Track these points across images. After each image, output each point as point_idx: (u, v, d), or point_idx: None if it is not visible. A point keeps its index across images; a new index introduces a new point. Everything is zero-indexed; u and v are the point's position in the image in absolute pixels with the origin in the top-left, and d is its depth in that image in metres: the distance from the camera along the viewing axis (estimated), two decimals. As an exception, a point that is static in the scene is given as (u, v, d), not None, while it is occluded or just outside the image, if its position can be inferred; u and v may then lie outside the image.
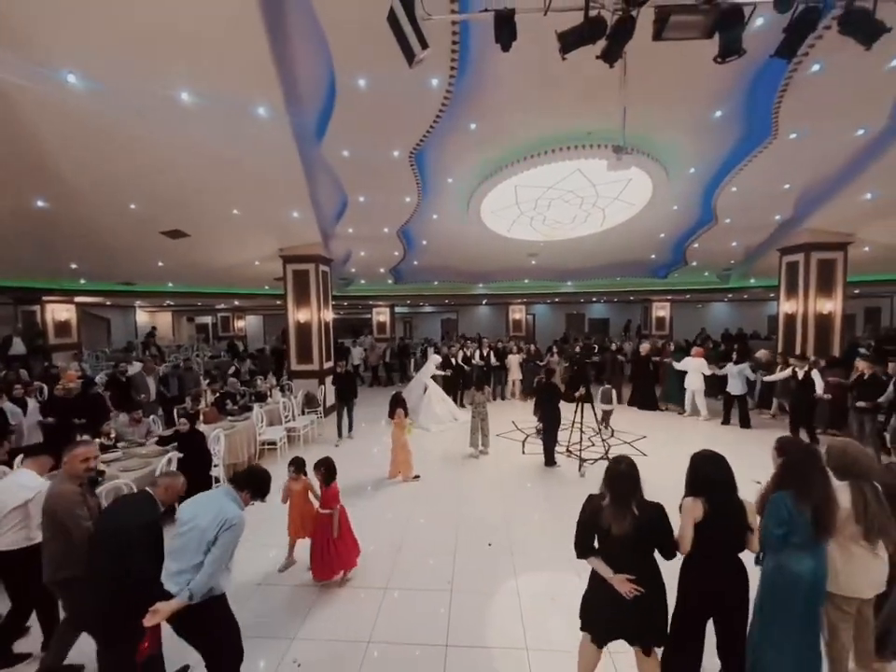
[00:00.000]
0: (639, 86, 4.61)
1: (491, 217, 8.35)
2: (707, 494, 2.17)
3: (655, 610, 2.18)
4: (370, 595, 3.48)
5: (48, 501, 2.54)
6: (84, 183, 5.94)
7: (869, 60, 4.27)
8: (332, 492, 3.64)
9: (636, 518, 2.11)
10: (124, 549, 2.13)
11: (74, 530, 2.48)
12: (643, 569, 2.16)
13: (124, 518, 2.26)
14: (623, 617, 2.17)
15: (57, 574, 2.53)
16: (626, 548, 2.13)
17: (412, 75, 4.44)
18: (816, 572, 2.15)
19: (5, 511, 2.64)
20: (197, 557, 2.10)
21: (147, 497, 2.39)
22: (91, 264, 9.80)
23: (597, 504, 2.22)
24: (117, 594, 2.12)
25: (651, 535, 2.16)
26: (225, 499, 2.27)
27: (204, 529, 2.11)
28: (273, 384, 8.90)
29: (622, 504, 2.13)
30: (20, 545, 2.69)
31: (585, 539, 2.26)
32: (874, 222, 7.89)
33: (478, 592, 3.49)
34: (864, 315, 19.07)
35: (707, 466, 2.25)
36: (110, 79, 4.21)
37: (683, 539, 2.18)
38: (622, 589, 2.11)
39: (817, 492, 2.18)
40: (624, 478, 2.19)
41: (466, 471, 6.16)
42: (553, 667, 2.73)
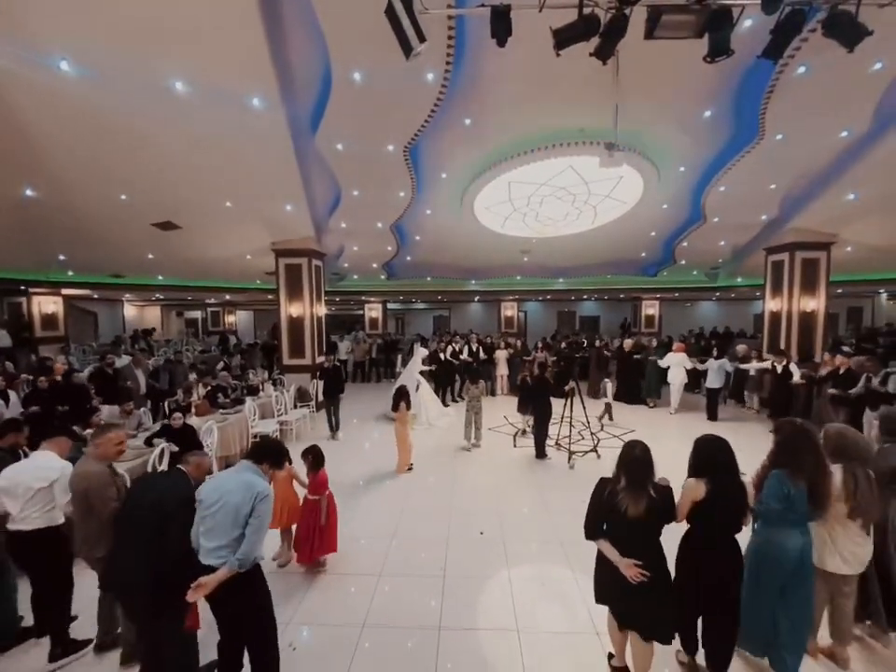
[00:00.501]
0: (632, 84, 4.70)
1: (484, 213, 8.42)
2: (711, 475, 2.24)
3: (663, 602, 2.22)
4: (364, 582, 3.53)
5: (78, 481, 2.58)
6: (74, 172, 5.88)
7: (853, 63, 4.42)
8: (321, 478, 3.69)
9: (651, 500, 2.16)
10: (164, 522, 2.25)
11: (102, 509, 2.53)
12: (650, 553, 2.21)
13: (163, 493, 2.36)
14: (631, 605, 2.24)
15: (95, 552, 2.58)
16: (637, 531, 2.19)
17: (407, 69, 4.48)
18: (803, 547, 2.27)
19: (30, 493, 2.65)
20: (235, 532, 2.16)
21: (182, 474, 2.53)
22: (79, 256, 9.66)
23: (612, 487, 2.25)
24: (159, 566, 2.21)
25: (661, 516, 2.22)
26: (249, 474, 2.31)
27: (238, 505, 2.16)
28: (265, 377, 8.89)
29: (638, 486, 2.18)
30: (46, 525, 2.71)
31: (596, 521, 2.30)
32: (856, 222, 8.10)
33: (470, 577, 3.56)
34: (847, 315, 19.53)
35: (711, 448, 2.33)
36: (103, 67, 4.18)
37: (680, 513, 2.28)
38: (627, 573, 2.15)
39: (809, 467, 2.28)
40: (640, 461, 2.24)
41: (459, 463, 6.23)
42: (543, 648, 2.81)
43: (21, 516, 2.65)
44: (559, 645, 2.84)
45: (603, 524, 2.29)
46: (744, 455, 2.39)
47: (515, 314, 19.41)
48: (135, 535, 2.29)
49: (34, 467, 2.76)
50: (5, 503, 2.66)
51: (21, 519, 2.65)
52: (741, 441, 2.76)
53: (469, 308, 23.67)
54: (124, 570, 2.29)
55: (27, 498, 2.65)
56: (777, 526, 2.31)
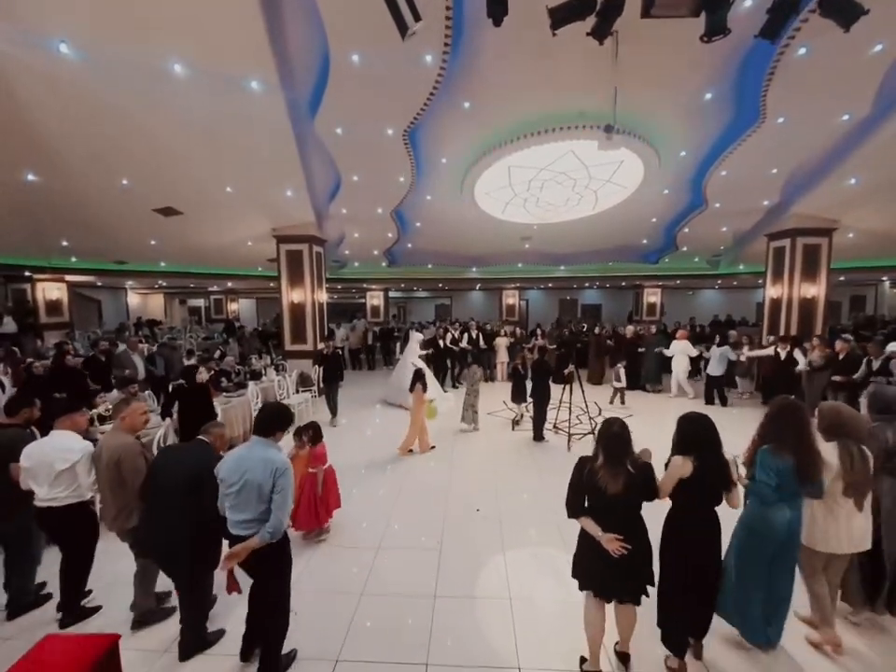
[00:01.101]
0: (631, 66, 4.68)
1: (485, 198, 8.40)
2: (696, 452, 2.26)
3: (641, 569, 2.29)
4: (362, 554, 3.66)
5: (110, 454, 2.67)
6: (75, 156, 5.92)
7: (853, 44, 4.40)
8: (319, 452, 3.90)
9: (629, 476, 2.19)
10: (198, 489, 2.46)
11: (132, 480, 2.65)
12: (631, 528, 2.25)
13: (194, 463, 2.56)
14: (612, 576, 2.27)
15: (127, 523, 2.71)
16: (617, 507, 2.23)
17: (406, 51, 4.50)
18: (791, 522, 2.32)
19: (53, 475, 2.71)
20: (261, 507, 2.24)
21: (206, 445, 2.70)
22: (82, 241, 9.73)
23: (591, 465, 2.28)
24: (194, 528, 2.46)
25: (640, 491, 2.26)
26: (265, 450, 2.34)
27: (261, 483, 2.22)
28: (268, 363, 9.00)
29: (616, 463, 2.21)
30: (76, 500, 2.79)
31: (577, 499, 2.33)
32: (857, 208, 8.06)
33: (466, 551, 3.68)
34: (850, 303, 19.46)
35: (695, 426, 2.35)
36: (102, 50, 4.19)
37: (663, 489, 2.31)
38: (609, 547, 2.19)
39: (792, 441, 2.33)
40: (617, 438, 2.26)
41: (457, 445, 6.35)
42: (534, 614, 2.94)
43: (48, 496, 2.72)
44: (550, 612, 2.96)
45: (584, 501, 2.32)
46: (740, 439, 2.44)
47: (517, 302, 19.42)
48: (172, 502, 2.47)
49: (52, 448, 2.77)
50: (30, 484, 2.74)
51: (50, 499, 2.72)
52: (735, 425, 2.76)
53: (470, 296, 23.69)
54: (163, 536, 2.49)
55: (51, 480, 2.71)
56: (768, 502, 2.35)
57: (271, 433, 2.42)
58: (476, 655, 2.60)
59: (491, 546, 3.76)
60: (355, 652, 2.63)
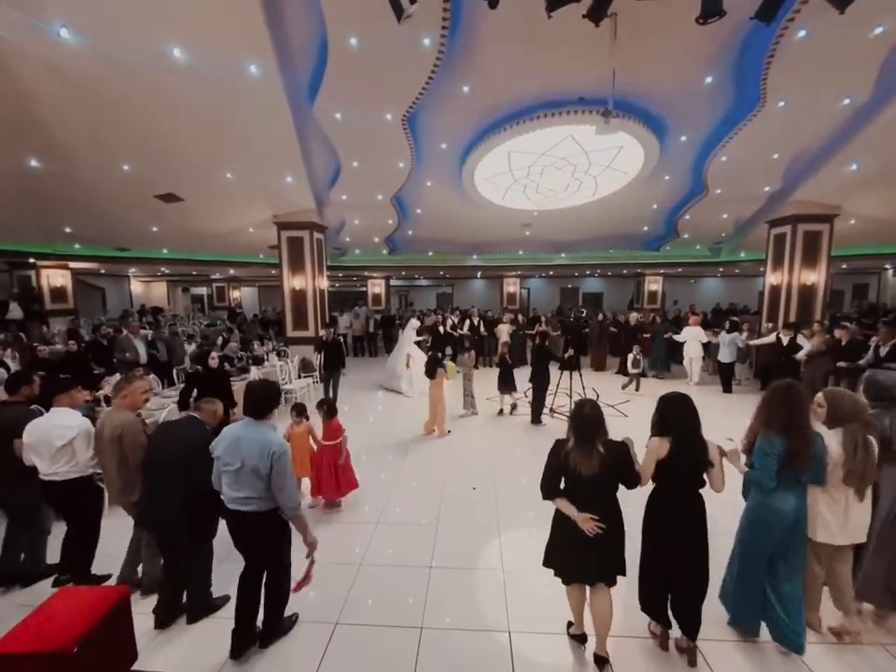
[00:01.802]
0: (630, 50, 4.67)
1: (485, 184, 8.40)
2: (673, 433, 2.27)
3: (614, 549, 2.29)
4: (361, 528, 3.80)
5: (112, 430, 2.74)
6: (76, 142, 5.96)
7: (853, 26, 4.39)
8: (335, 425, 4.16)
9: (602, 457, 2.18)
10: (190, 465, 2.52)
11: (134, 456, 2.71)
12: (606, 507, 2.25)
13: (189, 440, 2.61)
14: (584, 560, 2.28)
15: (131, 497, 2.80)
16: (592, 487, 2.22)
17: (404, 33, 4.50)
18: (797, 509, 2.28)
19: (52, 450, 2.80)
20: (259, 484, 2.27)
21: (198, 422, 2.77)
22: (85, 228, 9.80)
23: (564, 448, 2.28)
24: (189, 503, 2.52)
25: (615, 472, 2.23)
26: (262, 432, 2.32)
27: (258, 465, 2.24)
28: (270, 348, 9.12)
29: (586, 444, 2.21)
30: (78, 474, 2.87)
31: (552, 481, 2.33)
32: (858, 194, 8.02)
33: (462, 525, 3.82)
34: (852, 291, 19.39)
35: (673, 406, 2.34)
36: (102, 34, 4.22)
37: (644, 474, 2.30)
38: (584, 527, 2.19)
39: (781, 422, 2.27)
40: (588, 419, 2.24)
41: (456, 428, 6.46)
42: (525, 583, 3.07)
43: (50, 471, 2.82)
44: (541, 580, 3.08)
45: (559, 483, 2.33)
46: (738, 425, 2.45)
47: (518, 290, 19.44)
48: (167, 477, 2.53)
49: (52, 424, 2.87)
50: (33, 459, 2.84)
51: (52, 473, 2.83)
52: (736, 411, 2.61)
53: (472, 285, 23.70)
54: (160, 509, 2.56)
55: (51, 455, 2.82)
56: (765, 490, 2.30)
57: (264, 414, 2.39)
58: (469, 620, 2.74)
59: (486, 520, 3.89)
60: (353, 617, 2.77)
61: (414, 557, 3.36)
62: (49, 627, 1.45)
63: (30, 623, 1.50)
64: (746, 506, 2.50)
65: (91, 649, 1.46)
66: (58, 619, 1.49)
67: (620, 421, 6.78)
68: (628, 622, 2.67)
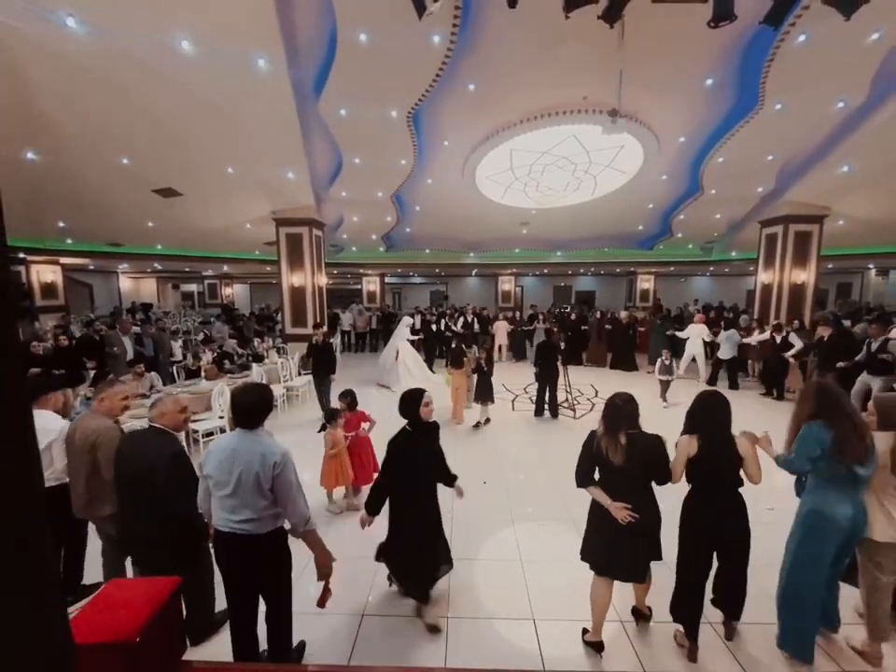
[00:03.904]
0: (635, 52, 4.75)
1: (486, 182, 8.45)
2: (701, 430, 2.30)
3: (649, 540, 2.31)
4: (380, 523, 3.81)
5: (85, 437, 2.48)
6: (77, 134, 5.86)
7: (852, 32, 4.52)
8: (360, 415, 4.32)
9: (628, 448, 2.24)
10: (159, 483, 2.20)
11: (107, 466, 2.45)
12: (640, 498, 2.29)
13: (150, 455, 2.26)
14: (618, 554, 2.31)
15: (100, 511, 2.54)
16: (625, 477, 2.27)
17: (414, 31, 4.53)
18: (855, 517, 2.15)
19: None
20: (261, 502, 2.01)
21: (158, 431, 2.37)
22: (79, 222, 9.61)
23: (598, 437, 2.36)
24: (166, 526, 2.23)
25: (646, 464, 2.28)
26: (258, 443, 2.05)
27: (260, 481, 1.99)
28: (270, 345, 9.07)
29: (614, 434, 2.28)
30: (55, 482, 2.65)
31: (585, 469, 2.39)
32: (848, 195, 8.26)
33: (475, 518, 3.86)
34: (836, 290, 19.90)
35: (702, 404, 2.39)
36: (109, 24, 4.16)
37: (675, 472, 2.32)
38: (618, 515, 2.23)
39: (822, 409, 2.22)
40: (617, 409, 2.33)
41: (460, 426, 6.50)
42: (544, 573, 3.14)
43: None
44: (557, 571, 3.16)
45: (593, 472, 2.38)
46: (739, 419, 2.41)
47: (512, 288, 19.54)
48: (137, 495, 2.27)
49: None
50: None
51: None
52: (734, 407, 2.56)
53: (466, 282, 23.75)
54: (138, 529, 2.32)
55: None
56: (824, 490, 2.21)
57: (256, 423, 2.09)
58: (492, 609, 2.80)
59: (498, 514, 3.95)
60: (378, 608, 2.81)
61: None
62: (108, 618, 1.46)
63: (86, 614, 1.50)
64: (800, 508, 2.35)
65: (151, 639, 1.47)
66: (116, 609, 1.50)
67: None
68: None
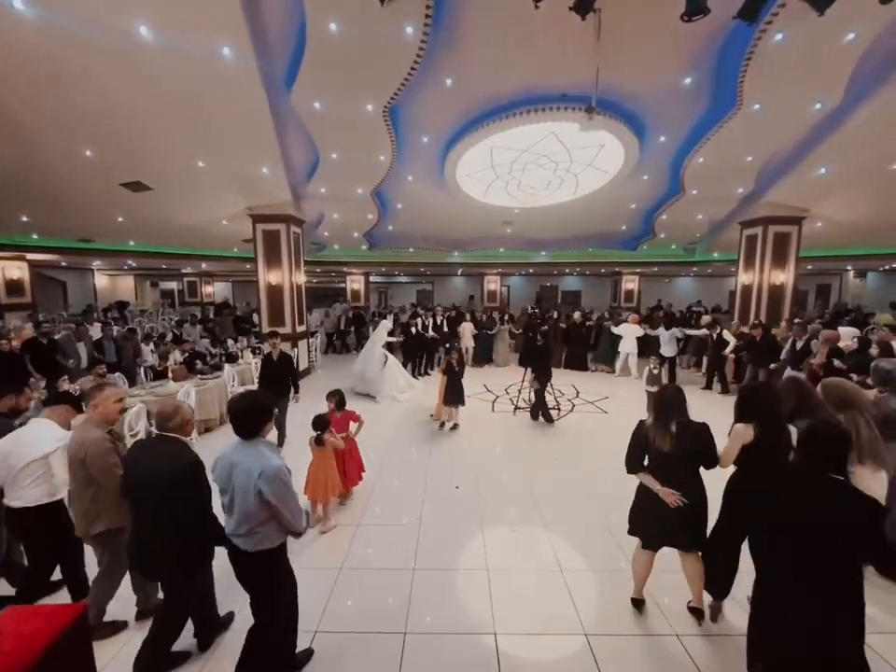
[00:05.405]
0: (613, 48, 4.67)
1: (467, 179, 8.32)
2: (759, 419, 2.40)
3: (697, 520, 2.45)
4: (342, 531, 3.67)
5: (76, 450, 2.37)
6: (34, 124, 5.57)
7: (828, 32, 4.50)
8: (349, 415, 4.24)
9: (677, 435, 2.38)
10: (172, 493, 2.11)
11: (106, 479, 2.34)
12: (687, 483, 2.42)
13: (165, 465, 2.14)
14: (667, 526, 2.46)
15: (92, 528, 2.41)
16: (673, 463, 2.41)
17: (385, 20, 4.38)
18: None
19: (20, 465, 2.43)
20: (252, 518, 1.99)
21: (169, 440, 2.26)
22: (43, 217, 9.23)
23: (646, 426, 2.51)
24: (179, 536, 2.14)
25: (694, 450, 2.41)
26: (252, 455, 2.02)
27: (247, 493, 1.97)
28: (245, 345, 8.83)
29: (662, 423, 2.43)
30: (40, 501, 2.52)
31: (634, 456, 2.54)
32: (826, 197, 8.32)
33: (444, 525, 3.75)
34: (816, 292, 20.27)
35: (757, 395, 2.52)
36: (60, 5, 3.93)
37: (726, 457, 2.45)
38: (667, 499, 2.38)
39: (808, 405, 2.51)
40: (667, 400, 2.48)
41: (436, 431, 6.38)
42: (510, 584, 3.02)
43: (11, 490, 2.47)
44: (526, 582, 3.05)
45: (642, 459, 2.53)
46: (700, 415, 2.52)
47: (498, 288, 19.50)
48: (148, 508, 2.17)
49: (30, 436, 2.54)
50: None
51: (12, 493, 2.47)
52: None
53: (452, 282, 23.66)
54: (148, 544, 2.21)
55: (16, 472, 2.44)
56: None
57: (253, 433, 2.07)
58: (453, 623, 2.67)
59: (468, 520, 3.82)
60: (333, 624, 2.66)
61: (397, 559, 3.29)
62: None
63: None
64: None
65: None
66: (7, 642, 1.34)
67: (599, 417, 6.85)
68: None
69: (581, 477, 4.66)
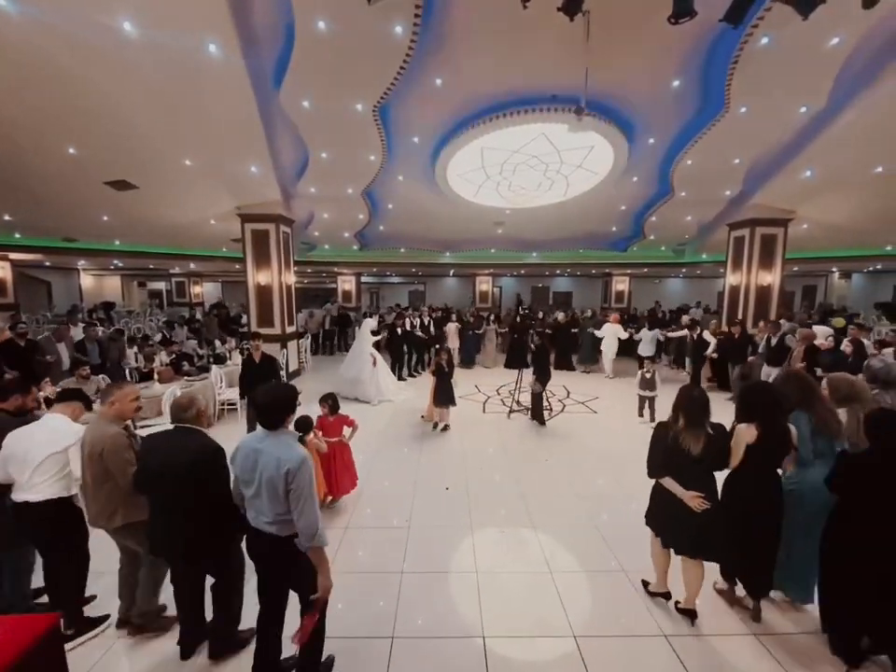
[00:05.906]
0: (602, 50, 4.68)
1: (458, 180, 8.31)
2: (760, 419, 2.40)
3: (713, 526, 2.40)
4: (330, 535, 3.58)
5: (92, 445, 2.40)
6: (15, 120, 5.45)
7: (814, 36, 4.56)
8: (342, 419, 4.18)
9: (709, 438, 2.36)
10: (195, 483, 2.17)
11: (120, 474, 2.38)
12: (709, 486, 2.41)
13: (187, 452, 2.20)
14: (683, 532, 2.44)
15: (111, 523, 2.45)
16: (697, 467, 2.38)
17: (375, 19, 4.35)
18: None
19: (38, 459, 2.42)
20: (278, 508, 1.99)
21: (188, 430, 2.32)
22: (26, 216, 9.04)
23: (673, 430, 2.43)
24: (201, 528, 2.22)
25: (717, 455, 2.40)
26: (278, 446, 2.01)
27: (276, 485, 1.95)
28: (233, 346, 8.72)
29: (697, 426, 2.38)
30: (60, 494, 2.49)
31: (658, 460, 2.48)
32: (811, 200, 8.45)
33: (434, 527, 3.71)
34: (802, 293, 20.59)
35: (758, 395, 2.51)
36: (45, 2, 3.84)
37: (734, 458, 2.45)
38: (692, 504, 2.35)
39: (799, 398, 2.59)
40: (698, 402, 2.41)
41: (428, 427, 6.35)
42: (499, 586, 3.00)
43: (28, 484, 2.42)
44: (515, 584, 3.03)
45: (665, 464, 2.46)
46: None
47: (490, 288, 19.51)
48: (169, 499, 2.22)
49: (46, 430, 2.52)
50: (9, 472, 2.42)
51: (29, 488, 2.42)
52: None
53: (444, 282, 23.64)
54: (169, 536, 2.26)
55: (35, 465, 2.41)
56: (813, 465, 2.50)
57: (276, 424, 2.06)
58: (442, 626, 2.64)
59: (458, 521, 3.80)
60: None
61: (385, 562, 3.25)
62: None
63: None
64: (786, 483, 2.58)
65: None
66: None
67: (589, 417, 6.86)
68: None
69: (572, 477, 4.66)
